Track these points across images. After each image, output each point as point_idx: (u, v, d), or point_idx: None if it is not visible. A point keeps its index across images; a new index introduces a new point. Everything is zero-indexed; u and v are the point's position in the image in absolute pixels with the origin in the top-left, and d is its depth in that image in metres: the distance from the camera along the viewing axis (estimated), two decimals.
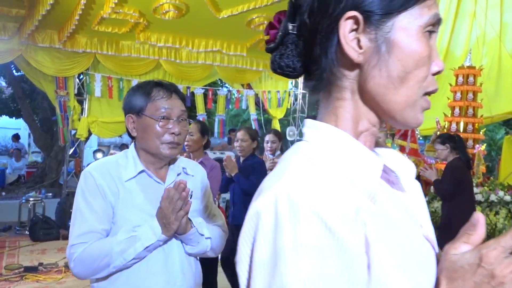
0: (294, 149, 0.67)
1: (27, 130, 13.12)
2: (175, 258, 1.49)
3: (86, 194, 1.42)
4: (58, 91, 7.27)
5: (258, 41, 7.59)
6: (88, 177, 1.44)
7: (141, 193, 1.47)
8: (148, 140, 1.47)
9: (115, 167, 1.48)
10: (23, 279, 4.70)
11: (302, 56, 0.68)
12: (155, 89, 1.49)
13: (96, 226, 1.40)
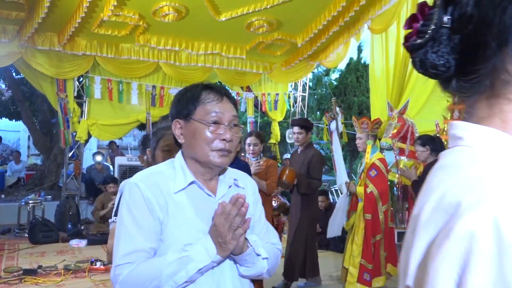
0: (467, 156, 0.59)
1: (26, 132, 13.13)
2: (227, 280, 1.33)
3: (131, 208, 1.28)
4: (59, 93, 7.28)
5: (258, 43, 7.60)
6: (134, 189, 1.29)
7: (191, 207, 1.32)
8: (197, 147, 1.33)
9: (162, 178, 1.33)
10: (22, 281, 4.69)
11: (456, 53, 0.60)
12: (204, 91, 1.37)
13: (143, 244, 1.26)
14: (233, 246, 1.24)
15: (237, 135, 1.39)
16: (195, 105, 1.35)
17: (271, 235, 1.50)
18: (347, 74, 14.46)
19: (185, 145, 1.37)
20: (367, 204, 4.21)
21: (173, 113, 1.41)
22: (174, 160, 1.41)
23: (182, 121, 1.37)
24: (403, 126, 6.79)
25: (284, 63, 8.57)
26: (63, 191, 7.85)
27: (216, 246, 1.24)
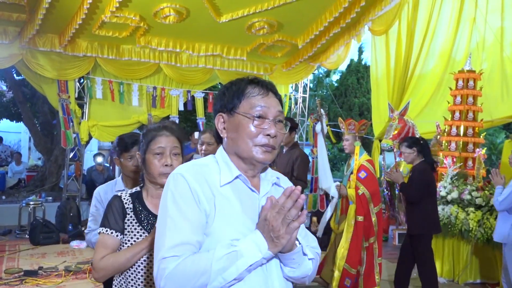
0: None
1: (27, 133, 13.13)
2: (274, 281, 1.26)
3: (177, 199, 1.22)
4: (61, 94, 7.29)
5: (258, 45, 7.61)
6: (180, 180, 1.24)
7: (237, 201, 1.26)
8: (240, 142, 1.29)
9: (207, 171, 1.29)
10: (23, 283, 4.69)
11: None
12: (250, 85, 1.33)
13: (190, 237, 1.19)
14: (286, 241, 1.16)
15: (282, 131, 1.33)
16: (240, 99, 1.31)
17: (309, 239, 1.44)
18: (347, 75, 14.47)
19: (228, 140, 1.33)
20: (359, 206, 4.17)
21: (217, 107, 1.37)
22: (215, 155, 1.37)
23: (226, 115, 1.33)
24: (403, 128, 6.78)
25: (285, 65, 8.58)
26: (63, 192, 7.85)
27: (267, 241, 1.16)
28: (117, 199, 1.80)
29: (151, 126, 1.89)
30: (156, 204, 1.71)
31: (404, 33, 7.03)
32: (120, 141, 2.48)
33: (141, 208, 1.80)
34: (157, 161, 1.78)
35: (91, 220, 2.44)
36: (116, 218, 1.76)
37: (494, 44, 7.00)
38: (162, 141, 1.80)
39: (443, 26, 7.37)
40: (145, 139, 1.83)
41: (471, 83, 6.15)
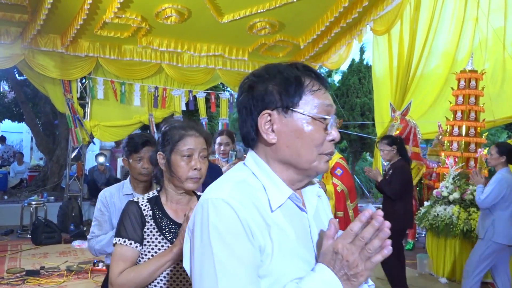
0: None
1: (29, 134, 13.16)
2: None
3: (225, 236, 0.90)
4: (66, 94, 7.31)
5: (260, 45, 7.61)
6: (224, 208, 0.92)
7: (291, 228, 0.99)
8: (302, 150, 0.99)
9: (252, 191, 0.99)
10: (25, 282, 4.70)
11: None
12: (307, 76, 1.04)
13: (249, 286, 0.90)
14: (366, 279, 0.91)
15: None
16: (300, 93, 1.01)
17: None
18: (349, 75, 14.45)
19: (277, 146, 1.01)
20: (338, 202, 4.29)
21: (258, 102, 1.02)
22: (247, 165, 1.06)
23: (277, 114, 1.00)
24: (405, 128, 6.78)
25: None
26: (65, 192, 7.87)
27: (341, 280, 0.89)
28: (134, 205, 1.62)
29: (175, 123, 1.67)
30: (177, 210, 1.64)
31: (406, 33, 7.03)
32: (130, 141, 2.36)
33: (161, 215, 1.62)
34: (185, 164, 1.59)
35: (95, 225, 2.31)
36: (134, 226, 1.58)
37: (496, 44, 6.99)
38: (191, 142, 1.60)
39: (445, 26, 7.35)
40: (171, 138, 1.61)
41: (473, 83, 6.13)
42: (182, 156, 1.59)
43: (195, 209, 1.00)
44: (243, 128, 1.07)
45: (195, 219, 0.97)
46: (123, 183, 2.43)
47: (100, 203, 2.34)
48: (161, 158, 1.64)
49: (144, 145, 2.31)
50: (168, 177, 1.64)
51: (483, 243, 4.04)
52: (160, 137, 1.67)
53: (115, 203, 2.33)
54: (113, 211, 2.32)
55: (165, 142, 1.63)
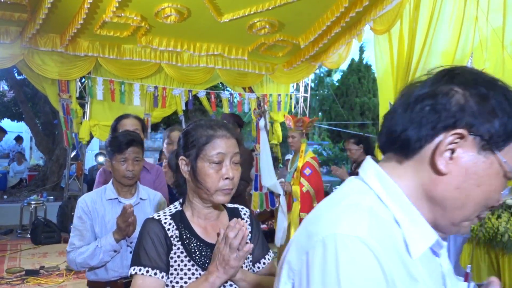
0: None
1: (29, 133, 13.15)
2: None
3: None
4: (61, 94, 7.29)
5: (260, 45, 7.60)
6: (362, 253, 0.68)
7: (429, 279, 0.77)
8: (469, 201, 0.76)
9: (387, 226, 0.74)
10: (25, 282, 4.70)
11: None
12: None
13: None
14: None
15: None
16: (503, 118, 0.74)
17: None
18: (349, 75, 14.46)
19: (445, 180, 0.75)
20: (303, 203, 4.13)
21: (455, 111, 0.73)
22: (369, 183, 0.81)
23: (471, 141, 0.73)
24: None
25: (286, 64, 8.58)
26: (65, 192, 7.86)
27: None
28: (156, 224, 1.31)
29: (201, 121, 1.37)
30: (206, 227, 1.36)
31: (406, 32, 7.03)
32: (113, 141, 2.18)
33: (188, 234, 1.32)
34: (215, 173, 1.29)
35: (76, 235, 2.11)
36: (158, 251, 1.27)
37: (496, 44, 6.99)
38: (221, 145, 1.29)
39: (445, 26, 7.35)
40: (196, 140, 1.31)
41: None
42: (211, 162, 1.29)
43: (305, 245, 0.73)
44: (403, 124, 0.77)
45: (310, 260, 0.70)
46: (105, 187, 2.24)
47: (80, 210, 2.14)
48: (183, 164, 1.34)
49: (129, 145, 2.14)
50: (193, 187, 1.34)
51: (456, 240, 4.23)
52: (182, 138, 1.37)
53: (97, 209, 2.16)
54: (95, 218, 2.14)
55: (188, 145, 1.32)
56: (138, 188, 2.30)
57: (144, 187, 2.35)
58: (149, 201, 2.29)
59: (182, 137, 1.37)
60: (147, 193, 2.31)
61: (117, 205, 2.19)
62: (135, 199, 2.25)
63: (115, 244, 2.08)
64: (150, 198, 2.30)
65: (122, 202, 2.19)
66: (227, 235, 1.22)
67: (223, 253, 1.22)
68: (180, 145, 1.37)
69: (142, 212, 2.18)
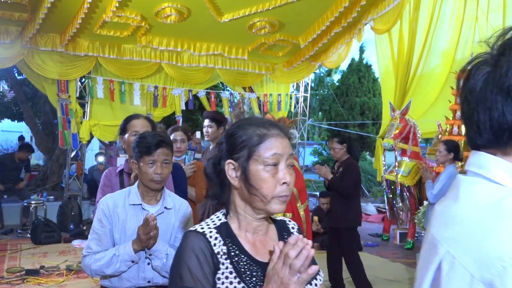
0: None
1: (29, 133, 13.16)
2: None
3: None
4: (60, 94, 7.29)
5: (260, 44, 7.61)
6: None
7: None
8: None
9: None
10: (25, 282, 4.70)
11: None
12: None
13: None
14: None
15: None
16: None
17: None
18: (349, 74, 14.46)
19: None
20: (288, 203, 4.12)
21: None
22: (499, 180, 0.75)
23: None
24: (405, 127, 6.78)
25: (286, 64, 8.58)
26: (65, 192, 7.87)
27: None
28: (200, 239, 1.12)
29: (245, 120, 1.23)
30: (255, 243, 1.18)
31: (406, 32, 7.03)
32: (141, 141, 2.03)
33: (237, 251, 1.14)
34: (271, 177, 1.12)
35: (94, 239, 1.99)
36: (205, 271, 1.09)
37: None
38: (277, 145, 1.14)
39: (445, 25, 7.36)
40: (247, 140, 1.15)
41: None
42: (266, 165, 1.12)
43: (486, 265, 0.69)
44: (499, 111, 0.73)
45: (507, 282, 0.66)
46: (129, 190, 2.08)
47: (101, 212, 1.99)
48: (231, 169, 1.16)
49: (159, 146, 2.00)
50: (244, 196, 1.15)
51: None
52: (226, 140, 1.20)
53: (119, 214, 2.01)
54: (115, 223, 2.00)
55: (236, 147, 1.16)
56: (164, 195, 2.11)
57: (170, 194, 2.16)
58: (174, 211, 2.10)
59: (226, 139, 1.20)
60: (172, 201, 2.12)
61: (140, 212, 2.03)
62: (159, 207, 2.07)
63: (133, 255, 1.94)
64: (176, 207, 2.12)
65: (146, 209, 2.03)
66: (287, 254, 1.00)
67: (281, 275, 1.02)
68: (223, 149, 1.19)
69: (165, 223, 2.04)
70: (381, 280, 4.97)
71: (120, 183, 2.44)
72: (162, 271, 1.98)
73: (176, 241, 2.04)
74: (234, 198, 1.19)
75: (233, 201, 1.19)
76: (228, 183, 1.18)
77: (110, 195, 2.05)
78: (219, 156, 1.21)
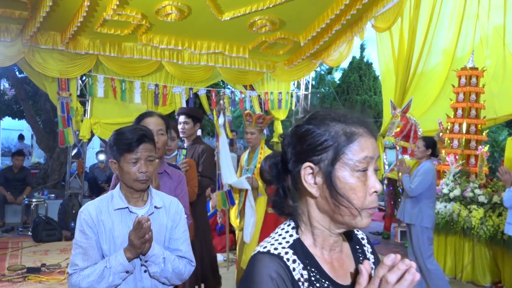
0: None
1: (30, 131, 13.16)
2: None
3: None
4: (60, 92, 7.29)
5: (260, 43, 7.60)
6: None
7: None
8: None
9: None
10: (26, 280, 4.72)
11: None
12: None
13: None
14: None
15: None
16: None
17: None
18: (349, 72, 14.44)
19: None
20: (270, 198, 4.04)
21: None
22: None
23: None
24: (406, 125, 6.78)
25: (287, 62, 8.57)
26: (66, 190, 7.87)
27: None
28: (276, 263, 0.91)
29: (324, 113, 1.02)
30: (332, 262, 0.99)
31: (406, 30, 7.02)
32: (119, 138, 1.83)
33: (318, 275, 0.95)
34: (362, 185, 0.94)
35: (78, 253, 1.75)
36: None
37: (497, 41, 6.98)
38: (369, 147, 0.95)
39: (446, 23, 7.35)
40: (331, 140, 0.94)
41: (474, 80, 6.13)
42: (356, 170, 0.93)
43: None
44: None
45: None
46: (111, 194, 1.87)
47: (83, 223, 1.76)
48: (308, 174, 0.96)
49: (140, 141, 1.80)
50: (325, 206, 0.96)
51: (416, 228, 4.41)
52: (297, 136, 0.99)
53: (104, 222, 1.79)
54: (101, 232, 1.78)
55: (317, 146, 0.95)
56: (151, 194, 1.91)
57: (157, 192, 1.98)
58: (164, 210, 1.92)
59: (297, 136, 0.99)
60: (161, 200, 1.93)
61: (127, 216, 1.83)
62: (148, 207, 1.87)
63: (127, 264, 1.73)
64: (166, 205, 1.93)
65: (134, 212, 1.83)
66: (385, 280, 0.82)
67: None
68: (294, 149, 0.99)
69: (157, 224, 1.86)
70: None
71: None
72: (161, 278, 1.82)
73: (171, 242, 1.91)
74: (310, 208, 0.98)
75: (308, 212, 0.99)
76: (301, 191, 0.98)
77: (91, 202, 1.84)
78: (286, 156, 1.01)
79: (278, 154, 1.05)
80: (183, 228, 1.96)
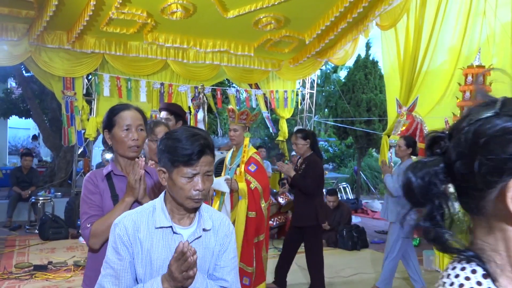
0: None
1: (36, 130, 13.24)
2: None
3: None
4: (65, 91, 7.33)
5: (266, 41, 7.59)
6: None
7: None
8: None
9: None
10: (33, 277, 4.75)
11: None
12: None
13: None
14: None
15: None
16: None
17: None
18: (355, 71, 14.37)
19: None
20: (251, 201, 3.87)
21: None
22: None
23: None
24: (412, 124, 6.75)
25: (292, 60, 8.55)
26: (72, 188, 7.92)
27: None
28: None
29: None
30: None
31: (412, 28, 6.98)
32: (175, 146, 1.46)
33: None
34: None
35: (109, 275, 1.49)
36: None
37: (504, 39, 6.92)
38: None
39: (452, 21, 7.29)
40: None
41: (481, 79, 6.08)
42: None
43: None
44: None
45: None
46: (153, 206, 1.55)
47: (117, 240, 1.48)
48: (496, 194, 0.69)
49: (202, 153, 1.45)
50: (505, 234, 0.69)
51: (396, 227, 4.45)
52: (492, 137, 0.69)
53: (141, 241, 1.49)
54: (137, 253, 1.48)
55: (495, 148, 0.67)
56: (200, 211, 1.58)
57: (207, 208, 1.64)
58: (213, 231, 1.59)
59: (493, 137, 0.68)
60: (211, 219, 1.60)
61: (169, 236, 1.51)
62: (194, 228, 1.55)
63: None
64: (215, 226, 1.60)
65: (178, 232, 1.52)
66: None
67: None
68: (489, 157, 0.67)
69: (202, 248, 1.55)
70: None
71: (110, 188, 1.95)
72: None
73: (216, 269, 1.59)
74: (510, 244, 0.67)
75: (508, 250, 0.68)
76: (491, 217, 0.72)
77: (128, 214, 1.54)
78: (459, 166, 0.73)
79: (433, 162, 0.77)
80: (232, 254, 1.62)
